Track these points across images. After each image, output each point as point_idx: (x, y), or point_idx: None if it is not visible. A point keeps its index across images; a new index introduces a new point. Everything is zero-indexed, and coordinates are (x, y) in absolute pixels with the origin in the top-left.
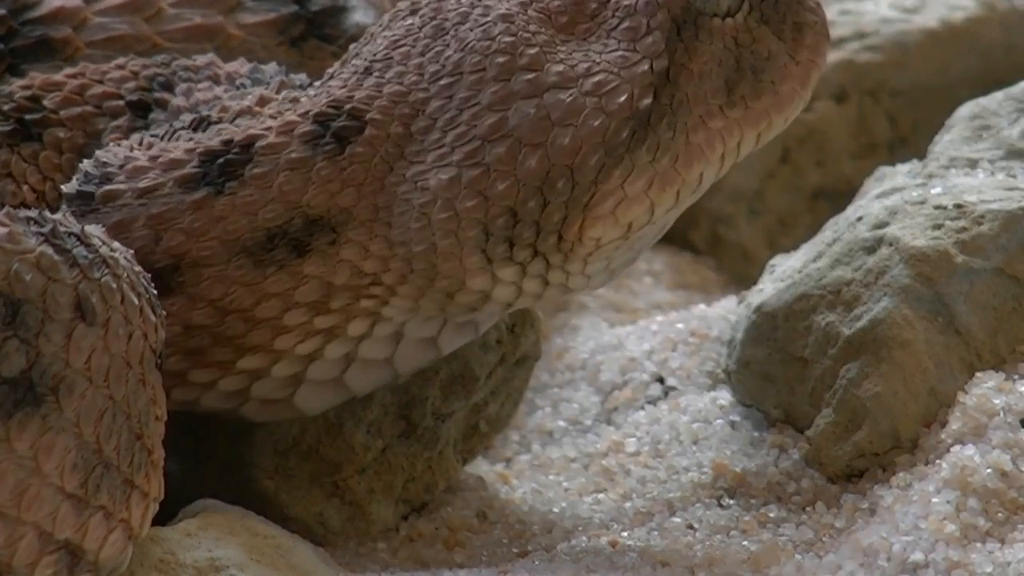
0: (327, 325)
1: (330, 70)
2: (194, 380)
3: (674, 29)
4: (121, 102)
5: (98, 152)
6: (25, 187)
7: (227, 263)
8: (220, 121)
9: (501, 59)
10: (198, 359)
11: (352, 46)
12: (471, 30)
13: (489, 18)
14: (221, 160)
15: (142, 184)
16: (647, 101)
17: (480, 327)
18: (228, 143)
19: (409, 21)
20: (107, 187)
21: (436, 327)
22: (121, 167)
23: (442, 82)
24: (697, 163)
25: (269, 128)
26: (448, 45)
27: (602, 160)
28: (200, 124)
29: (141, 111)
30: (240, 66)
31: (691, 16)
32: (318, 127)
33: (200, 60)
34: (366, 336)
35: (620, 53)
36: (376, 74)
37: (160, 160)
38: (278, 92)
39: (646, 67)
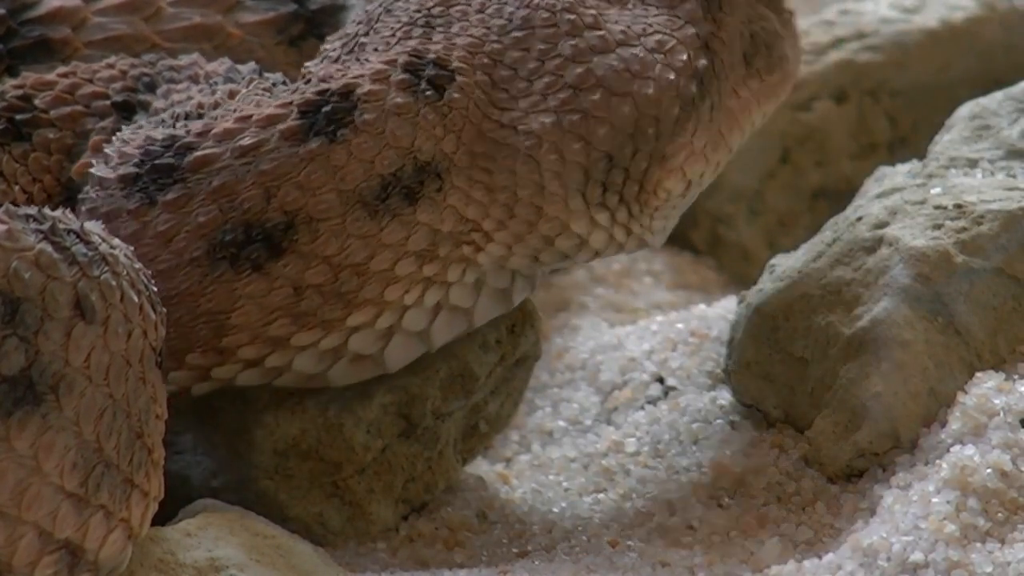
0: (431, 273)
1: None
2: (296, 343)
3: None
4: (108, 102)
5: (122, 136)
6: (16, 187)
7: (343, 216)
8: (189, 117)
9: (569, 16)
10: (306, 321)
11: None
12: None
13: None
14: (326, 108)
15: (243, 143)
16: (703, 61)
17: (534, 285)
18: (324, 92)
19: None
20: (197, 154)
21: (508, 279)
22: (202, 134)
23: (514, 35)
24: (736, 129)
25: (361, 76)
26: (506, 2)
27: (679, 112)
28: (176, 119)
29: (126, 112)
30: (219, 66)
31: None
32: (410, 75)
33: (184, 60)
34: (457, 283)
35: (665, 17)
36: (440, 29)
37: (254, 118)
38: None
39: (693, 30)
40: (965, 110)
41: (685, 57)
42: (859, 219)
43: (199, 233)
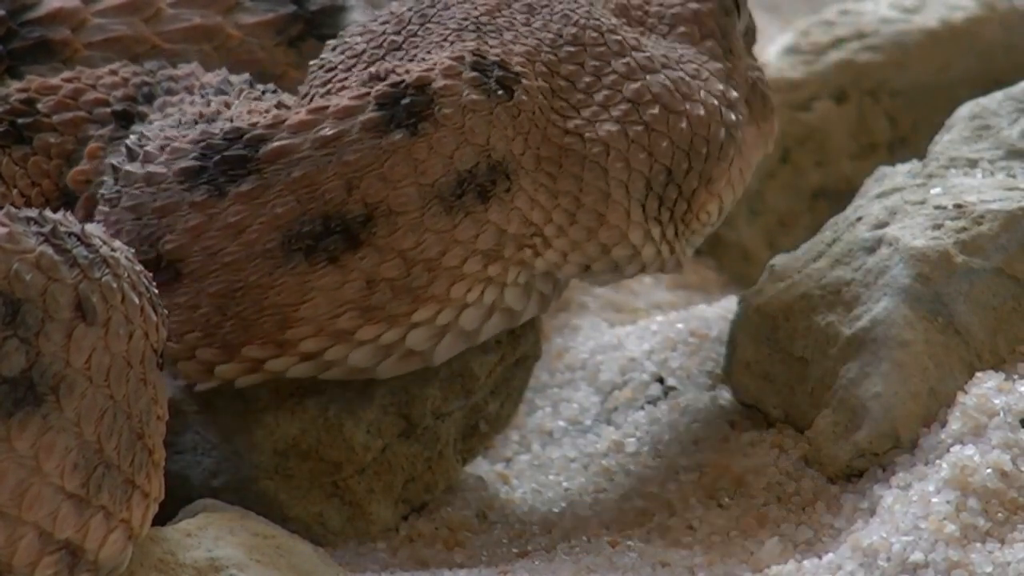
0: (494, 273)
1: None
2: (360, 337)
3: (721, 40)
4: (109, 110)
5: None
6: (15, 191)
7: (422, 210)
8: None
9: (615, 37)
10: (373, 315)
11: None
12: (570, 10)
13: (579, 2)
14: (405, 101)
15: (323, 134)
16: (734, 93)
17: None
18: (399, 85)
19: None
20: (274, 145)
21: (551, 286)
22: (273, 125)
23: (567, 49)
24: (747, 169)
25: (431, 70)
26: (550, 19)
27: (724, 136)
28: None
29: (124, 121)
30: (214, 77)
31: (725, 33)
32: (480, 74)
33: (183, 70)
34: (512, 284)
35: (693, 51)
36: (491, 36)
37: (330, 110)
38: (238, 98)
39: (719, 65)
40: (965, 110)
41: (721, 87)
42: (859, 219)
43: (274, 224)
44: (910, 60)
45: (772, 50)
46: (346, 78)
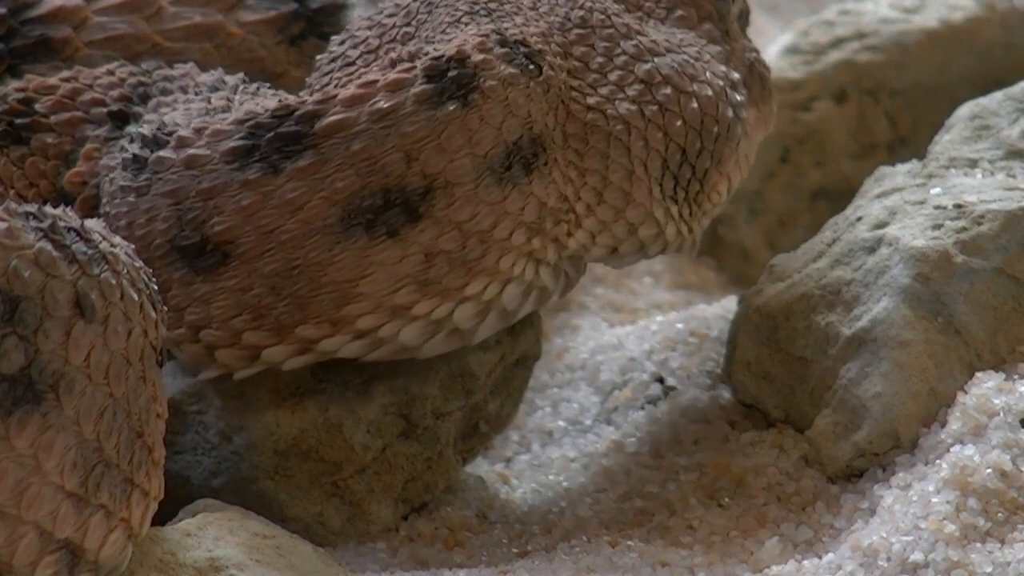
0: (537, 247)
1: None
2: (416, 312)
3: (718, 22)
4: (105, 110)
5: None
6: (12, 191)
7: (476, 182)
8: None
9: (620, 20)
10: (429, 289)
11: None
12: None
13: None
14: (452, 73)
15: (379, 106)
16: (736, 74)
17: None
18: (442, 58)
19: None
20: (329, 119)
21: (576, 270)
22: (324, 101)
23: (576, 31)
24: (751, 151)
25: (464, 43)
26: (556, 3)
27: (732, 116)
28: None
29: (120, 122)
30: (209, 77)
31: (721, 16)
32: (509, 49)
33: (178, 70)
34: (546, 262)
35: (692, 35)
36: (503, 20)
37: (380, 83)
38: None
39: (718, 48)
40: (965, 110)
41: (724, 69)
42: (859, 219)
43: (333, 200)
44: (910, 60)
45: (772, 50)
46: (367, 70)
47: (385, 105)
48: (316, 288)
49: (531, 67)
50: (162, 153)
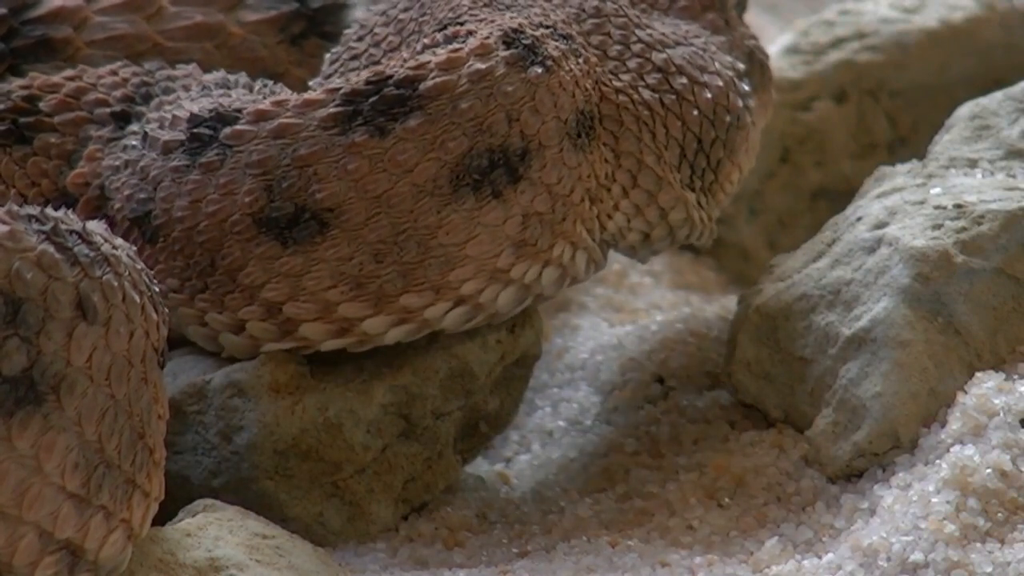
0: (595, 214)
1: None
2: (512, 276)
3: (719, 11)
4: (108, 111)
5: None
6: (12, 190)
7: (560, 146)
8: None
9: (632, 11)
10: (524, 251)
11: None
12: None
13: None
14: (527, 42)
15: (476, 68)
16: (741, 64)
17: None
18: (508, 31)
19: None
20: (434, 81)
21: (603, 256)
22: (417, 67)
23: (592, 21)
24: (758, 137)
25: (512, 20)
26: None
27: (741, 106)
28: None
29: (122, 122)
30: (213, 77)
31: (721, 4)
32: (549, 29)
33: (181, 71)
34: (596, 240)
35: (696, 26)
36: (522, 10)
37: (466, 49)
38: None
39: (721, 38)
40: (965, 110)
41: (730, 59)
42: (859, 219)
43: (443, 160)
44: (910, 60)
45: (772, 50)
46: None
47: (482, 67)
48: (424, 253)
49: (575, 46)
50: (239, 127)
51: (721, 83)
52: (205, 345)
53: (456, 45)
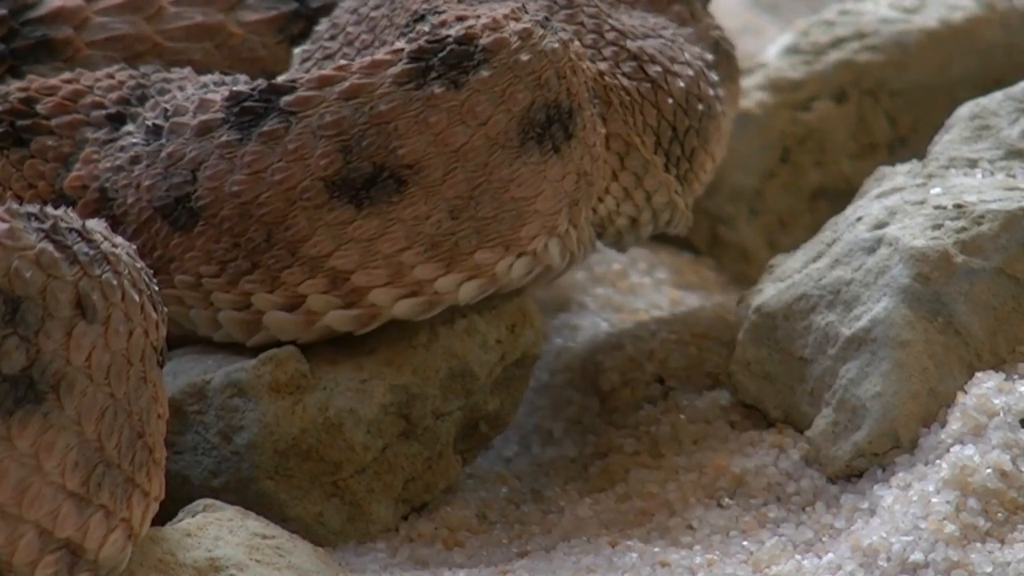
0: (606, 185)
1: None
2: (560, 232)
3: (684, 3)
4: (104, 113)
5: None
6: (9, 193)
7: (592, 109)
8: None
9: (603, 3)
10: (574, 210)
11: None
12: None
13: None
14: (539, 16)
15: (521, 27)
16: (709, 55)
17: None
18: (516, 8)
19: None
20: (493, 37)
21: (592, 244)
22: (465, 29)
23: (565, 11)
24: (728, 127)
25: (504, 4)
26: None
27: (712, 95)
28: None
29: (117, 123)
30: (210, 78)
31: None
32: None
33: (176, 73)
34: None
35: (663, 18)
36: (501, 3)
37: (502, 14)
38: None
39: (689, 30)
40: (965, 110)
41: (697, 49)
42: (859, 219)
43: (512, 112)
44: (910, 60)
45: (772, 50)
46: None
47: (523, 26)
48: (499, 206)
49: (560, 32)
50: (303, 93)
51: (692, 72)
52: (233, 332)
53: (486, 9)
